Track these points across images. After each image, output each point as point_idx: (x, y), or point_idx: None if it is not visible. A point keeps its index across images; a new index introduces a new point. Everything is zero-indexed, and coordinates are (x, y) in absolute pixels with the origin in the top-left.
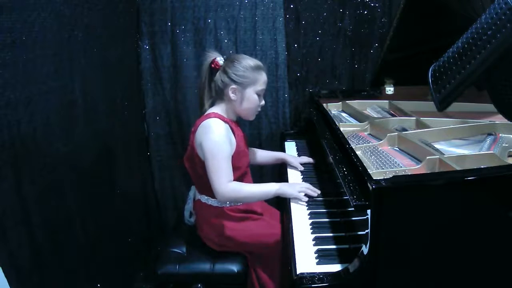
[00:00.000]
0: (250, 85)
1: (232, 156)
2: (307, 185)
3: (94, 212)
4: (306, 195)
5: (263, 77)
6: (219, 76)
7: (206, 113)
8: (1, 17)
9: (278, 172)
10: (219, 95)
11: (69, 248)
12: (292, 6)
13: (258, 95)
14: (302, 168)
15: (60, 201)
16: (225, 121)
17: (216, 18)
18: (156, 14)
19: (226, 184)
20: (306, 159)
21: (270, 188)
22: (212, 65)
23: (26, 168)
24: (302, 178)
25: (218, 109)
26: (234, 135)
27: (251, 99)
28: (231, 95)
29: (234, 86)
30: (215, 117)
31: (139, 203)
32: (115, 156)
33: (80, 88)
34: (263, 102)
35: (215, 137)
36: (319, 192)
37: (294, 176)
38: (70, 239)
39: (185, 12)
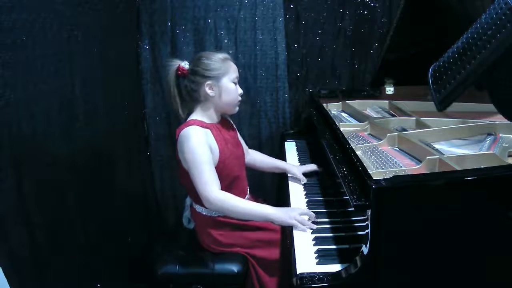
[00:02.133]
0: (224, 75)
1: (218, 164)
2: (306, 210)
3: (94, 212)
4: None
5: (233, 66)
6: (189, 79)
7: (186, 121)
8: (1, 17)
9: (278, 179)
10: (194, 99)
11: (69, 248)
12: (292, 6)
13: (234, 83)
14: (305, 180)
15: (60, 201)
16: (205, 127)
17: (216, 18)
18: (156, 14)
19: (211, 192)
20: (310, 167)
21: (262, 211)
22: (179, 72)
23: (26, 168)
24: (304, 187)
25: (197, 114)
26: (217, 140)
27: (229, 89)
28: (209, 92)
29: (209, 81)
30: (193, 124)
31: (139, 203)
32: (115, 156)
33: (80, 88)
34: (240, 91)
35: (193, 145)
36: (314, 222)
37: (296, 186)
38: (70, 239)
39: (185, 12)
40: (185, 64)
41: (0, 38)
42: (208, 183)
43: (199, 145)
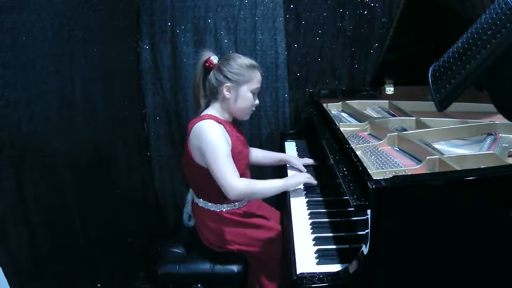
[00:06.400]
0: (245, 83)
1: None
2: (307, 174)
3: (94, 212)
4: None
5: (257, 76)
6: (213, 74)
7: (200, 115)
8: (1, 17)
9: (278, 174)
10: (213, 95)
11: (69, 248)
12: (292, 6)
13: (253, 93)
14: (305, 171)
15: (60, 201)
16: (220, 122)
17: (216, 18)
18: (156, 14)
19: (237, 181)
20: (309, 160)
21: (281, 185)
22: (206, 64)
23: (26, 168)
24: (304, 187)
25: (213, 110)
26: (230, 135)
27: (245, 98)
28: (226, 93)
29: (228, 84)
30: (208, 118)
31: (139, 203)
32: (115, 156)
33: (80, 88)
34: (257, 102)
35: (212, 138)
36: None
37: None
38: (70, 239)
39: (185, 12)
40: (214, 58)
41: (0, 38)
42: (232, 175)
43: (218, 137)
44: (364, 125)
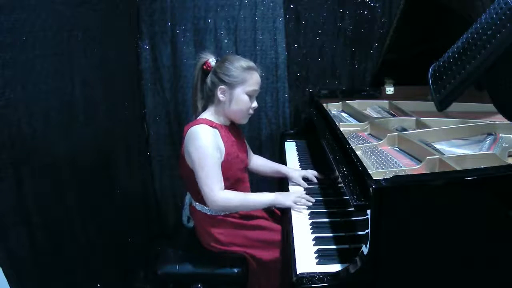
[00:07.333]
0: (239, 85)
1: (222, 163)
2: (303, 193)
3: (94, 212)
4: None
5: (254, 78)
6: (209, 77)
7: (197, 118)
8: (1, 17)
9: (278, 180)
10: (209, 98)
11: (69, 248)
12: (292, 6)
13: (249, 96)
14: (305, 185)
15: (60, 201)
16: (214, 126)
17: (216, 18)
18: (156, 14)
19: (217, 193)
20: (310, 174)
21: (265, 198)
22: (204, 67)
23: (26, 168)
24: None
25: (208, 113)
26: (224, 141)
27: (240, 100)
28: (220, 96)
29: (222, 86)
30: (202, 123)
31: (139, 203)
32: (115, 156)
33: (80, 88)
34: (255, 104)
35: (201, 144)
36: (313, 200)
37: (296, 186)
38: (70, 239)
39: (185, 12)
40: (212, 61)
41: (0, 38)
42: (213, 185)
43: (207, 145)
44: (364, 125)
